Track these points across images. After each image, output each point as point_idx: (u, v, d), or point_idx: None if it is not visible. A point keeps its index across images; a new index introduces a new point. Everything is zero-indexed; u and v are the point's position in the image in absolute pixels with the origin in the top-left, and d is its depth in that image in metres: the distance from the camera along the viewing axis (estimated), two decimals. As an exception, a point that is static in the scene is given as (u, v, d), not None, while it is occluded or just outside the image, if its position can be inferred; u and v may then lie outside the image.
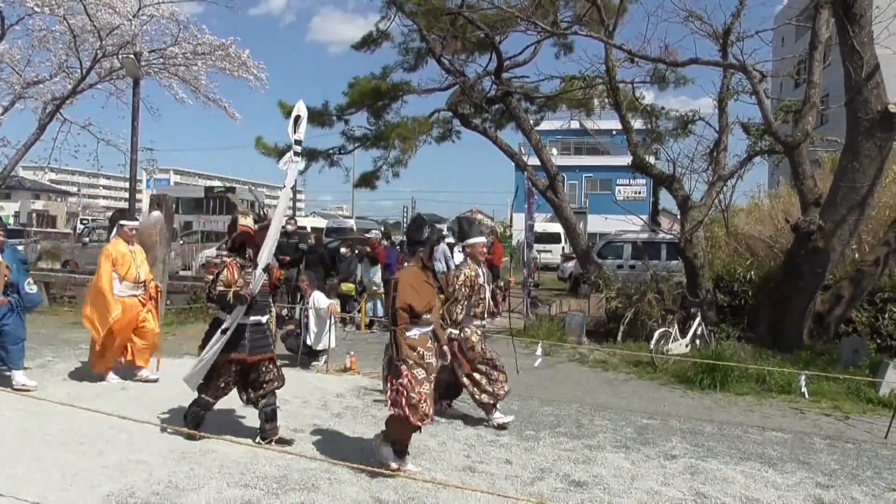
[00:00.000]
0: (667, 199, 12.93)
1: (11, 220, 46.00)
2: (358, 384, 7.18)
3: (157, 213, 8.08)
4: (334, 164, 16.45)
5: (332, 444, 5.03)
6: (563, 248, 27.23)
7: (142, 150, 13.91)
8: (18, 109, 13.29)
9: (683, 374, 7.85)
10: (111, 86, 13.94)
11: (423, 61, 15.25)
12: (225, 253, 4.83)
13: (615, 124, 14.93)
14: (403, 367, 4.25)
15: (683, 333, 9.01)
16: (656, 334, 8.72)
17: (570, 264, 19.41)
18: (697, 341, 9.01)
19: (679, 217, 11.95)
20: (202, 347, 4.93)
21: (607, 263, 14.67)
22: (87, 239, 23.62)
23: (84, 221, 46.01)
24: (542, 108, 16.33)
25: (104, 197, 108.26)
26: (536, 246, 15.62)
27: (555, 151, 34.08)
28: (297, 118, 4.96)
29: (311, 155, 16.26)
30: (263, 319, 5.00)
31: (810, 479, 4.70)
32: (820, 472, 4.87)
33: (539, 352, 7.18)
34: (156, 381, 6.76)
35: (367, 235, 14.94)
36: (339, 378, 7.46)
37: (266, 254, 4.86)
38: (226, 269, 4.83)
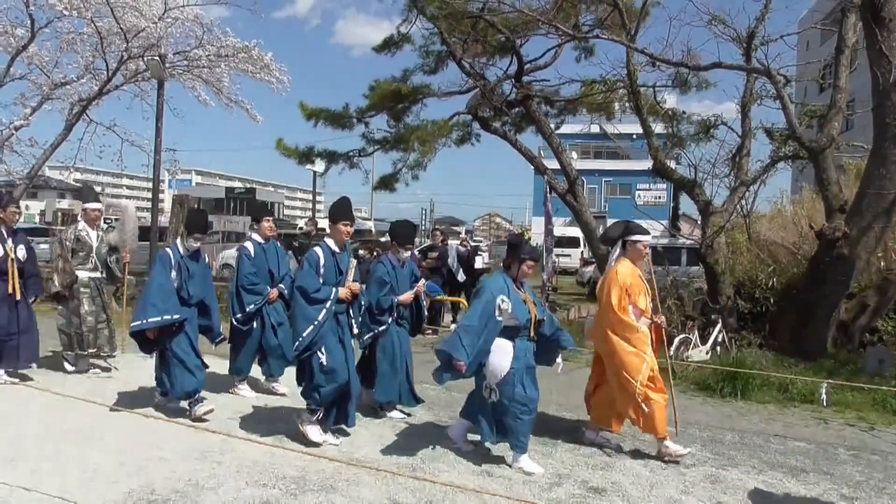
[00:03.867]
0: (687, 204, 12.82)
1: (37, 219, 46.83)
2: (376, 386, 7.18)
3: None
4: (354, 167, 16.46)
5: (350, 446, 5.04)
6: (583, 252, 27.06)
7: (165, 150, 14.13)
8: (46, 110, 13.52)
9: (703, 382, 7.75)
10: (136, 87, 14.15)
11: (443, 64, 15.25)
12: None
13: (636, 128, 14.78)
14: None
15: (704, 340, 8.90)
16: (676, 340, 8.63)
17: (590, 269, 19.30)
18: (718, 348, 8.91)
19: (700, 222, 11.83)
20: None
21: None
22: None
23: (107, 220, 46.68)
24: (563, 112, 16.25)
25: (127, 197, 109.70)
26: (555, 250, 15.56)
27: (574, 155, 33.97)
28: None
29: (330, 157, 16.35)
30: None
31: (834, 491, 4.62)
32: (844, 483, 4.78)
33: (559, 359, 7.12)
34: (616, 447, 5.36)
35: (381, 240, 14.98)
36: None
37: None
38: None
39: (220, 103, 14.44)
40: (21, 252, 6.55)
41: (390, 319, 5.78)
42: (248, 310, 6.26)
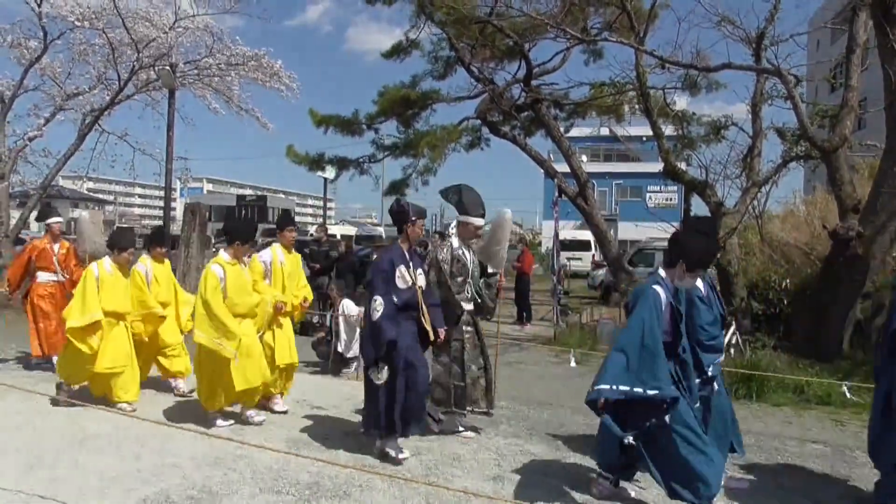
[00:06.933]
0: (699, 206, 12.74)
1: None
2: (388, 391, 7.17)
3: None
4: (364, 173, 16.54)
5: (363, 452, 5.03)
6: (594, 255, 26.99)
7: (176, 159, 14.25)
8: (59, 121, 13.68)
9: (718, 384, 7.69)
10: (147, 97, 14.29)
11: (452, 69, 15.27)
12: None
13: (646, 130, 14.73)
14: None
15: (718, 342, 8.84)
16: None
17: (601, 272, 19.24)
18: (732, 350, 8.84)
19: (712, 224, 11.76)
20: None
21: (638, 271, 14.46)
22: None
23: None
24: (572, 115, 16.24)
25: (139, 205, 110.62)
26: (566, 253, 15.52)
27: (584, 158, 33.87)
28: None
29: (341, 163, 16.42)
30: None
31: (852, 494, 4.57)
32: (863, 486, 4.73)
33: (573, 363, 7.12)
34: None
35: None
36: (369, 385, 7.47)
37: None
38: None
39: (231, 111, 14.56)
40: (422, 279, 5.10)
41: None
42: (709, 374, 4.41)
